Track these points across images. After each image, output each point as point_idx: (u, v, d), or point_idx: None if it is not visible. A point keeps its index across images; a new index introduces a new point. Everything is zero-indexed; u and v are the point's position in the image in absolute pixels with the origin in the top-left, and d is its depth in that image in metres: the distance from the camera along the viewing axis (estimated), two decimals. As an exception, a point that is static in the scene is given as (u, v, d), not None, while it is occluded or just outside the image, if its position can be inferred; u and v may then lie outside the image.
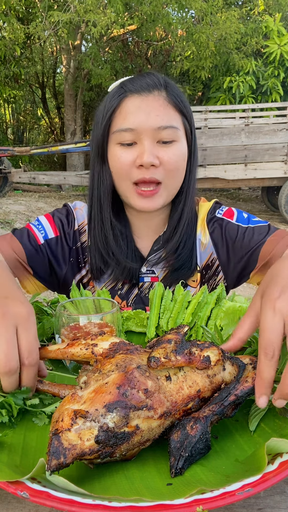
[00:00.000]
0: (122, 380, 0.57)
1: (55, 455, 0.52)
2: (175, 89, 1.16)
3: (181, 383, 0.62)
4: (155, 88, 1.12)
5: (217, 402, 0.62)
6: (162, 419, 0.58)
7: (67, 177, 9.35)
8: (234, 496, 0.50)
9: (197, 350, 0.64)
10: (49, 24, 8.94)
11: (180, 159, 1.14)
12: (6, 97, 12.47)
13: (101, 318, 0.85)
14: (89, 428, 0.54)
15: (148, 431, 0.57)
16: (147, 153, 1.08)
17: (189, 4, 9.56)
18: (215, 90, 11.10)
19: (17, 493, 0.50)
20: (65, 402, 0.58)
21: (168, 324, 0.96)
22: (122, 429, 0.55)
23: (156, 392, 0.59)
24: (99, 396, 0.56)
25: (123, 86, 1.14)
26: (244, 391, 0.64)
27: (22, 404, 0.68)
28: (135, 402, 0.56)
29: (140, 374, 0.59)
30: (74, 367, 0.84)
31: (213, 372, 0.65)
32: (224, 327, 0.90)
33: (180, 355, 0.63)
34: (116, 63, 11.50)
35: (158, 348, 0.63)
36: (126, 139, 1.11)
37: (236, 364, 0.67)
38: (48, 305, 1.01)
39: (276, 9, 10.76)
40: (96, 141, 1.17)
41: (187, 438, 0.58)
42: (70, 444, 0.53)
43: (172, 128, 1.11)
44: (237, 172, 7.96)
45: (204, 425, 0.59)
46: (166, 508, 0.49)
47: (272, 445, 0.55)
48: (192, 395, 0.62)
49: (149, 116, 1.09)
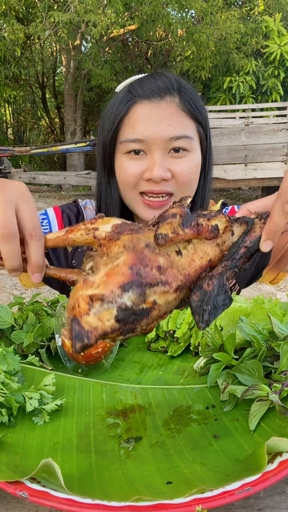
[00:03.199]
0: (133, 260, 0.56)
1: (79, 338, 0.52)
2: (189, 92, 1.05)
3: (192, 255, 0.61)
4: (167, 93, 1.02)
5: (228, 259, 0.61)
6: (177, 292, 0.58)
7: (67, 177, 9.35)
8: (233, 495, 0.50)
9: (204, 220, 0.62)
10: (49, 24, 8.94)
11: (193, 171, 1.05)
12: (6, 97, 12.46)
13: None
14: (107, 309, 0.54)
15: (165, 304, 0.57)
16: (158, 167, 1.00)
17: (189, 4, 9.56)
18: (215, 90, 11.09)
19: (17, 493, 0.50)
20: (77, 289, 0.57)
21: (168, 324, 0.96)
22: (140, 306, 0.55)
23: (169, 268, 0.58)
24: (112, 278, 0.55)
25: (131, 90, 1.04)
26: (253, 240, 0.62)
27: (22, 401, 0.68)
28: (150, 280, 0.56)
29: (150, 252, 0.58)
30: (74, 367, 0.84)
31: (222, 240, 0.64)
32: (224, 327, 0.90)
33: (187, 228, 0.61)
34: (116, 63, 11.50)
35: (164, 224, 0.61)
36: (134, 149, 1.02)
37: (244, 222, 0.65)
38: (48, 305, 1.01)
39: (276, 9, 10.76)
40: (103, 150, 1.10)
41: (206, 294, 0.58)
42: (91, 327, 0.53)
43: (185, 138, 1.02)
44: (237, 172, 7.96)
45: (220, 279, 0.59)
46: (165, 507, 0.49)
47: (272, 444, 0.55)
48: (204, 265, 0.61)
49: (160, 126, 1.00)
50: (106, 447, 0.63)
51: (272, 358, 0.76)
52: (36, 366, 0.85)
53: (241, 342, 0.80)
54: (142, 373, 0.85)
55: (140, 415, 0.71)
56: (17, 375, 0.75)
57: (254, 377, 0.71)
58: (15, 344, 0.88)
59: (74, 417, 0.71)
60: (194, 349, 0.92)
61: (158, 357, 0.92)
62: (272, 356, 0.76)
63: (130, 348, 0.96)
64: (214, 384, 0.76)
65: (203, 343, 0.90)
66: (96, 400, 0.76)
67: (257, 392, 0.66)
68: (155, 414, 0.71)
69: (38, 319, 0.94)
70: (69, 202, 1.27)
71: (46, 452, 0.61)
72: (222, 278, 0.59)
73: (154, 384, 0.81)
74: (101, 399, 0.76)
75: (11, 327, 0.90)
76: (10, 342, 0.89)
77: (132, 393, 0.78)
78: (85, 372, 0.84)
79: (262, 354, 0.74)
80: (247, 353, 0.78)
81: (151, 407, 0.74)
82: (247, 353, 0.77)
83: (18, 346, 0.88)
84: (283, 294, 4.26)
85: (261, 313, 0.85)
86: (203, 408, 0.73)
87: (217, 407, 0.73)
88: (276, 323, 0.78)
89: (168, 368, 0.87)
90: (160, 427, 0.68)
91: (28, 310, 0.94)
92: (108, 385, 0.81)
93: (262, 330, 0.79)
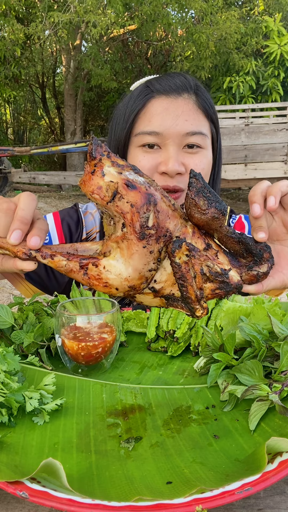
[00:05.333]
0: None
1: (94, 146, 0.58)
2: (205, 93, 1.08)
3: None
4: (184, 90, 1.03)
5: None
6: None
7: (67, 177, 9.35)
8: (233, 495, 0.50)
9: None
10: (49, 24, 8.94)
11: (206, 168, 1.07)
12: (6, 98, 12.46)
13: (101, 318, 0.85)
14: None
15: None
16: (173, 160, 1.00)
17: (189, 4, 9.55)
18: (215, 90, 11.08)
19: (17, 493, 0.50)
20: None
21: (168, 324, 0.96)
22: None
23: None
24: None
25: (149, 85, 1.05)
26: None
27: (22, 401, 0.68)
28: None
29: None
30: (74, 367, 0.84)
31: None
32: (224, 327, 0.90)
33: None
34: (116, 63, 11.50)
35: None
36: (149, 142, 1.02)
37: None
38: (48, 305, 1.01)
39: (276, 9, 10.76)
40: (116, 143, 1.09)
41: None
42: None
43: (201, 135, 1.03)
44: (237, 172, 7.96)
45: None
46: (165, 507, 0.49)
47: (272, 444, 0.55)
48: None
49: (177, 120, 1.01)
50: (106, 447, 0.63)
51: (272, 358, 0.76)
52: (36, 366, 0.85)
53: (241, 342, 0.80)
54: (142, 373, 0.85)
55: (140, 415, 0.71)
56: (17, 375, 0.75)
57: (254, 377, 0.71)
58: (15, 344, 0.88)
59: (74, 417, 0.71)
60: (194, 349, 0.92)
61: (158, 357, 0.92)
62: (272, 356, 0.76)
63: (130, 348, 0.96)
64: (214, 384, 0.76)
65: (203, 343, 0.90)
66: (96, 400, 0.76)
67: (257, 392, 0.66)
68: (155, 414, 0.71)
69: (38, 319, 0.94)
70: (69, 207, 1.25)
71: (46, 452, 0.61)
72: None
73: (154, 384, 0.81)
74: (101, 399, 0.76)
75: (11, 327, 0.90)
76: (10, 342, 0.89)
77: (132, 393, 0.78)
78: (85, 372, 0.84)
79: (262, 354, 0.74)
80: (247, 353, 0.77)
81: (151, 407, 0.74)
82: (247, 353, 0.77)
83: (18, 346, 0.88)
84: (283, 294, 4.26)
85: (261, 313, 0.85)
86: (203, 408, 0.72)
87: (217, 407, 0.73)
88: (276, 323, 0.78)
89: (168, 368, 0.87)
90: (160, 427, 0.68)
91: (28, 310, 0.94)
92: (108, 385, 0.81)
93: (262, 330, 0.79)
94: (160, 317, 0.99)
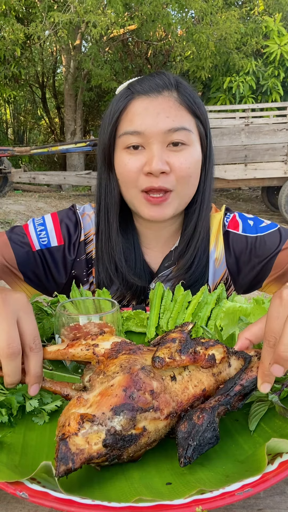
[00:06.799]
0: (127, 382, 0.57)
1: (63, 461, 0.51)
2: (188, 89, 1.06)
3: (186, 382, 0.62)
4: (165, 88, 1.03)
5: (222, 393, 0.62)
6: (168, 419, 0.58)
7: (67, 177, 9.35)
8: (233, 496, 0.49)
9: (202, 348, 0.64)
10: (49, 24, 8.94)
11: (192, 165, 1.04)
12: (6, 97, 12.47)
13: (101, 318, 0.85)
14: (96, 432, 0.54)
15: (155, 432, 0.57)
16: (156, 159, 0.99)
17: (189, 4, 9.56)
18: (215, 90, 11.09)
19: (16, 493, 0.50)
20: (71, 406, 0.57)
21: (168, 324, 0.96)
22: (129, 432, 0.55)
23: (162, 393, 0.59)
24: (105, 399, 0.56)
25: (130, 87, 1.06)
26: (249, 380, 0.63)
27: (22, 401, 0.68)
28: (141, 404, 0.56)
29: (145, 375, 0.58)
30: (74, 367, 0.84)
31: (218, 370, 0.64)
32: (224, 327, 0.90)
33: (184, 354, 0.62)
34: (116, 63, 11.50)
35: (163, 348, 0.62)
36: (133, 143, 1.02)
37: (241, 357, 0.67)
38: (48, 305, 1.01)
39: (276, 9, 10.76)
40: (102, 146, 1.09)
41: (194, 428, 0.57)
42: (78, 449, 0.52)
43: (184, 130, 1.01)
44: (237, 172, 7.96)
45: (211, 414, 0.58)
46: (165, 508, 0.48)
47: (272, 445, 0.55)
48: (197, 394, 0.62)
49: (157, 118, 1.00)
50: (106, 448, 0.63)
51: (272, 358, 0.76)
52: (36, 366, 0.84)
53: (241, 342, 0.80)
54: (142, 373, 0.85)
55: (140, 416, 0.71)
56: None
57: (254, 377, 0.70)
58: (15, 344, 0.87)
59: (74, 418, 0.70)
60: (194, 349, 0.92)
61: (158, 357, 0.91)
62: (272, 357, 0.76)
63: (130, 348, 0.96)
64: (214, 385, 0.76)
65: (203, 343, 0.90)
66: (96, 400, 0.76)
67: (257, 393, 0.66)
68: (155, 414, 0.71)
69: (38, 319, 0.94)
70: (67, 208, 1.25)
71: (46, 452, 0.61)
72: (213, 414, 0.59)
73: (154, 384, 0.81)
74: (101, 400, 0.76)
75: (11, 327, 0.90)
76: (10, 342, 0.89)
77: (132, 393, 0.78)
78: (85, 372, 0.84)
79: (262, 354, 0.74)
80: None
81: (151, 407, 0.73)
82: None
83: (18, 346, 0.88)
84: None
85: (261, 313, 0.85)
86: (203, 409, 0.72)
87: (217, 407, 0.72)
88: (276, 323, 0.78)
89: (168, 368, 0.87)
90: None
91: (28, 310, 0.94)
92: (108, 385, 0.80)
93: (262, 330, 0.79)
94: (160, 317, 0.99)
